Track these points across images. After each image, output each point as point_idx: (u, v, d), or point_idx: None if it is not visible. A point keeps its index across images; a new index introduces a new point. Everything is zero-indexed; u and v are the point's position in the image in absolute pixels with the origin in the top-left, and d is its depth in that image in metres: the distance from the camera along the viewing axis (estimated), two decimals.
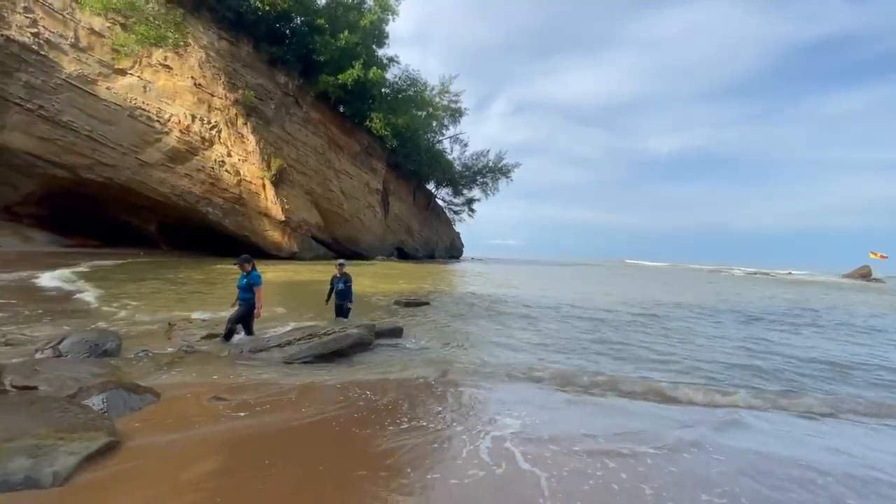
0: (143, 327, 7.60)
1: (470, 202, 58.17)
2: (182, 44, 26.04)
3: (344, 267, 8.64)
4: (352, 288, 8.65)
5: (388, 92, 37.52)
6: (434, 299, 13.18)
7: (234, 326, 6.73)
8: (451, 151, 53.63)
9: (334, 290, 8.50)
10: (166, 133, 27.33)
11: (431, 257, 52.00)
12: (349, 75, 30.18)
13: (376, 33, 33.89)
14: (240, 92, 27.52)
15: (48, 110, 25.70)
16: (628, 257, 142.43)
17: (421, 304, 11.78)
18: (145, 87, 26.84)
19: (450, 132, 50.99)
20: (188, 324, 7.91)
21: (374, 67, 31.75)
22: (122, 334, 6.46)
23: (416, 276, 22.84)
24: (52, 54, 25.41)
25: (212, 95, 27.38)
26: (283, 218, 29.18)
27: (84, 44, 25.85)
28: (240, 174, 28.51)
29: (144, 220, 31.77)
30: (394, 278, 20.63)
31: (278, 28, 30.78)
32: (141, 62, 26.53)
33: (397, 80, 39.03)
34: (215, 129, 27.78)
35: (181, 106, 27.16)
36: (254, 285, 6.67)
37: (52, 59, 25.43)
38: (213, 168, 28.22)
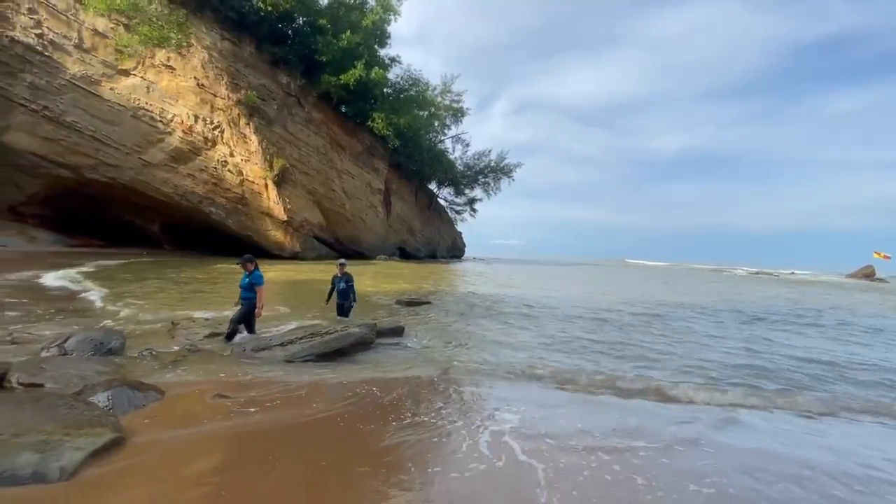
0: (147, 326, 7.68)
1: (472, 202, 58.23)
2: (185, 44, 26.15)
3: (345, 267, 8.70)
4: (354, 287, 8.71)
5: (389, 92, 37.58)
6: (435, 299, 13.22)
7: (237, 326, 6.79)
8: (452, 151, 53.69)
9: (335, 289, 8.57)
10: (169, 133, 27.46)
11: (433, 257, 52.05)
12: (351, 75, 30.26)
13: (378, 33, 33.96)
14: (242, 92, 27.61)
15: (52, 111, 25.86)
16: (629, 257, 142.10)
17: (422, 304, 11.83)
18: (148, 88, 26.97)
19: (452, 132, 51.05)
20: (191, 323, 7.98)
21: (375, 67, 31.81)
22: (126, 333, 6.53)
23: (417, 276, 22.90)
24: (56, 55, 25.57)
25: (214, 96, 27.50)
26: (285, 218, 29.28)
27: (88, 44, 26.00)
28: (242, 174, 28.62)
29: (148, 220, 31.92)
30: (395, 278, 20.68)
31: (281, 28, 30.87)
32: (144, 63, 26.66)
33: (399, 80, 39.12)
34: (218, 130, 27.90)
35: (184, 106, 27.28)
36: (255, 285, 6.73)
37: (56, 60, 25.59)
38: (215, 168, 28.34)
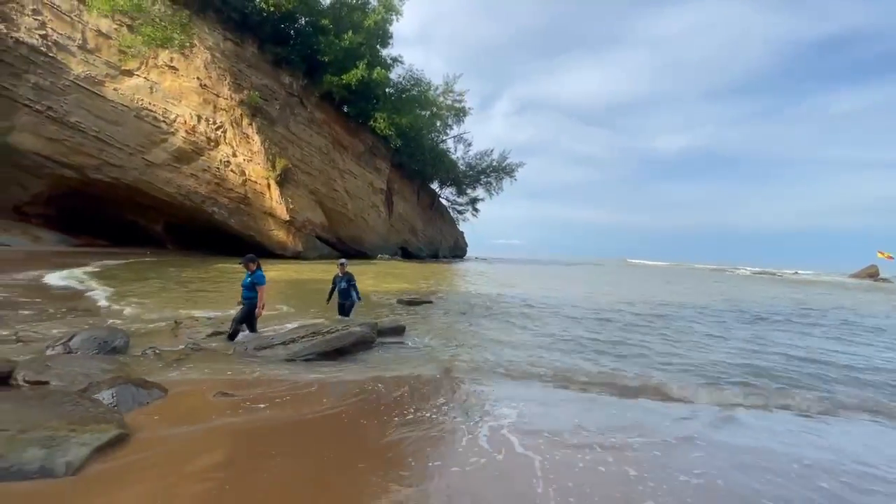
0: (151, 325, 7.75)
1: (474, 202, 58.34)
2: (188, 45, 26.28)
3: (346, 266, 8.76)
4: (356, 286, 8.76)
5: (392, 92, 37.67)
6: (436, 298, 13.27)
7: (239, 326, 6.84)
8: (454, 151, 53.84)
9: (336, 288, 8.62)
10: (172, 133, 27.59)
11: (435, 257, 52.12)
12: (353, 75, 30.34)
13: (380, 33, 34.02)
14: (245, 92, 27.73)
15: (56, 111, 26.02)
16: (631, 257, 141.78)
17: (423, 303, 11.88)
18: (151, 88, 27.11)
19: (454, 132, 51.18)
20: (194, 322, 8.05)
21: (377, 67, 31.88)
22: (130, 332, 6.59)
23: (418, 276, 22.95)
24: (60, 56, 25.73)
25: (217, 96, 27.61)
26: (287, 217, 29.38)
27: (91, 45, 26.15)
28: (245, 174, 28.73)
29: (151, 219, 32.09)
30: (396, 277, 20.74)
31: (283, 29, 30.98)
32: (147, 63, 26.80)
33: (401, 79, 39.24)
34: (220, 130, 28.01)
35: (187, 106, 27.41)
36: (257, 284, 6.78)
37: (60, 61, 25.75)
38: (218, 168, 28.46)
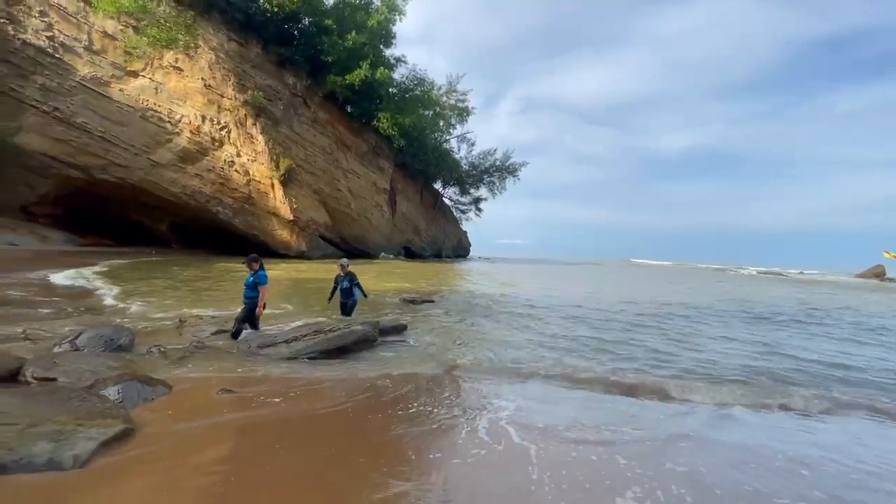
0: (156, 324, 7.85)
1: (477, 201, 58.38)
2: (192, 46, 26.47)
3: (347, 266, 8.83)
4: (360, 284, 8.85)
5: (395, 92, 37.76)
6: (438, 298, 13.33)
7: (242, 325, 6.92)
8: (458, 150, 53.90)
9: (338, 288, 8.71)
10: (177, 134, 27.80)
11: (438, 256, 52.20)
12: (356, 75, 30.44)
13: (383, 33, 34.11)
14: (249, 93, 27.89)
15: (63, 112, 26.28)
16: (634, 257, 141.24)
17: (425, 303, 11.95)
18: (157, 89, 27.32)
19: (457, 131, 51.25)
20: (198, 320, 8.14)
21: (381, 67, 31.97)
22: (135, 330, 6.69)
23: (420, 275, 23.03)
24: (67, 57, 25.97)
25: (221, 96, 27.79)
26: (291, 217, 29.53)
27: (97, 46, 26.38)
28: (249, 174, 28.90)
29: (156, 219, 32.33)
30: (398, 277, 20.83)
31: (287, 29, 31.11)
32: (152, 64, 27.01)
33: (404, 79, 39.31)
34: (225, 130, 28.20)
35: (191, 107, 27.60)
36: (259, 284, 6.86)
37: (67, 62, 25.99)
38: (222, 168, 28.65)
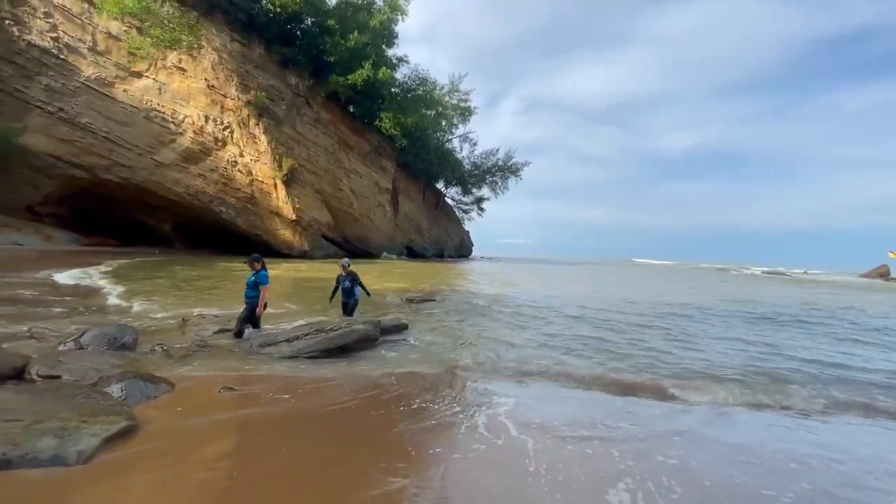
0: (159, 323, 7.92)
1: (479, 201, 58.50)
2: (196, 46, 26.62)
3: (349, 266, 8.87)
4: (362, 283, 8.92)
5: (397, 91, 37.85)
6: (439, 297, 13.37)
7: (244, 325, 6.97)
8: (460, 150, 54.01)
9: (340, 287, 8.76)
10: (180, 134, 27.95)
11: (441, 256, 52.26)
12: (359, 75, 30.53)
13: (386, 33, 34.20)
14: (252, 93, 28.02)
15: (67, 112, 26.48)
16: (636, 256, 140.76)
17: (425, 302, 11.99)
18: (160, 89, 27.48)
19: (459, 131, 51.33)
20: (201, 319, 8.21)
21: (383, 67, 32.07)
22: (139, 329, 6.75)
23: (422, 275, 23.07)
24: (71, 58, 26.16)
25: (224, 97, 27.92)
26: (294, 217, 29.64)
27: (101, 47, 26.56)
28: (252, 174, 29.03)
29: (160, 219, 32.52)
30: (400, 277, 20.88)
31: (289, 29, 31.25)
32: (156, 64, 27.18)
33: (407, 79, 39.44)
34: (228, 130, 28.33)
35: (195, 107, 27.75)
36: (260, 284, 6.90)
37: (71, 63, 26.19)
38: (225, 168, 28.79)
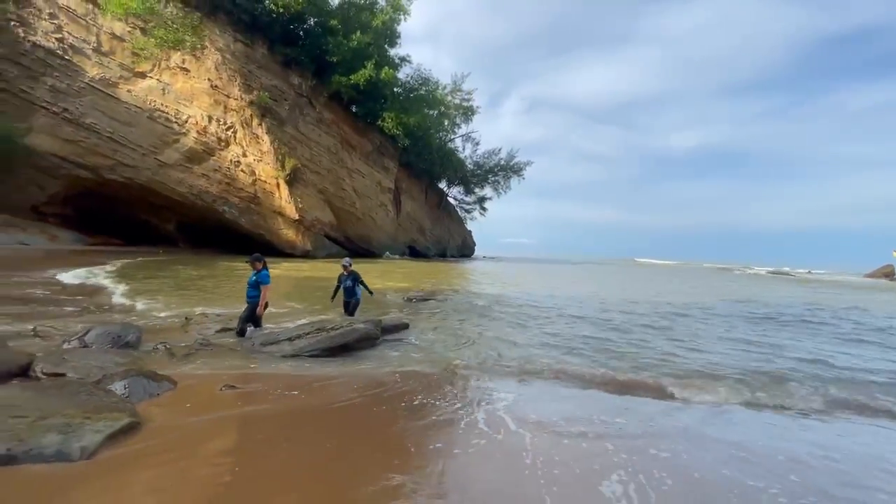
0: (162, 321, 7.99)
1: (481, 200, 58.51)
2: (199, 47, 26.74)
3: (350, 265, 8.93)
4: (364, 282, 8.99)
5: (400, 91, 37.91)
6: (440, 297, 13.41)
7: (245, 324, 7.02)
8: (462, 150, 54.06)
9: (342, 286, 8.82)
10: (184, 134, 28.09)
11: (443, 256, 52.29)
12: (361, 75, 30.59)
13: (388, 33, 34.27)
14: (255, 93, 28.12)
15: (72, 113, 26.64)
16: (639, 256, 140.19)
17: (426, 301, 12.03)
18: (164, 90, 27.62)
19: (462, 130, 51.36)
20: (204, 318, 8.27)
21: (385, 67, 32.12)
22: (142, 327, 6.82)
23: (424, 275, 23.11)
24: (76, 59, 26.32)
25: (227, 97, 28.03)
26: (296, 217, 29.74)
27: (106, 48, 26.72)
28: (255, 174, 29.14)
29: (164, 219, 32.70)
30: (402, 276, 20.93)
31: (292, 29, 31.33)
32: (160, 65, 27.32)
33: (409, 79, 39.50)
34: (231, 130, 28.45)
35: (198, 107, 27.88)
36: (261, 283, 6.95)
37: (76, 64, 26.35)
38: (228, 168, 28.91)
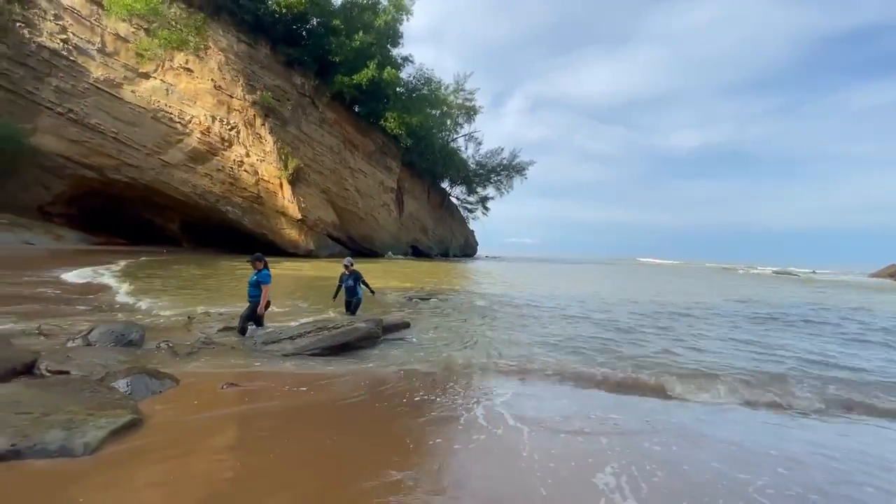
0: (165, 320, 8.06)
1: (484, 200, 58.50)
2: (202, 47, 26.87)
3: (352, 265, 8.97)
4: (366, 282, 9.05)
5: (402, 91, 37.97)
6: (441, 297, 13.45)
7: (246, 323, 7.07)
8: (465, 149, 54.08)
9: (343, 286, 8.87)
10: (187, 134, 28.24)
11: (445, 255, 52.33)
12: (364, 75, 30.67)
13: (391, 33, 34.34)
14: (258, 93, 28.24)
15: (77, 113, 26.84)
16: (644, 255, 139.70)
17: (428, 301, 12.07)
18: (168, 90, 27.77)
19: (464, 130, 51.39)
20: (206, 317, 8.33)
21: (388, 67, 32.19)
22: (145, 326, 6.89)
23: (426, 274, 23.16)
24: (81, 59, 26.51)
25: (231, 97, 28.16)
26: (299, 216, 29.84)
27: (110, 49, 26.89)
28: (258, 174, 29.26)
29: (168, 219, 32.89)
30: (404, 276, 20.98)
31: (295, 30, 31.44)
32: (163, 66, 27.48)
33: (412, 79, 39.57)
34: (234, 130, 28.58)
35: (202, 108, 28.02)
36: (262, 283, 7.00)
37: (81, 65, 26.53)
38: (232, 168, 29.04)
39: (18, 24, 25.62)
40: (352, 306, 8.89)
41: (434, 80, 40.95)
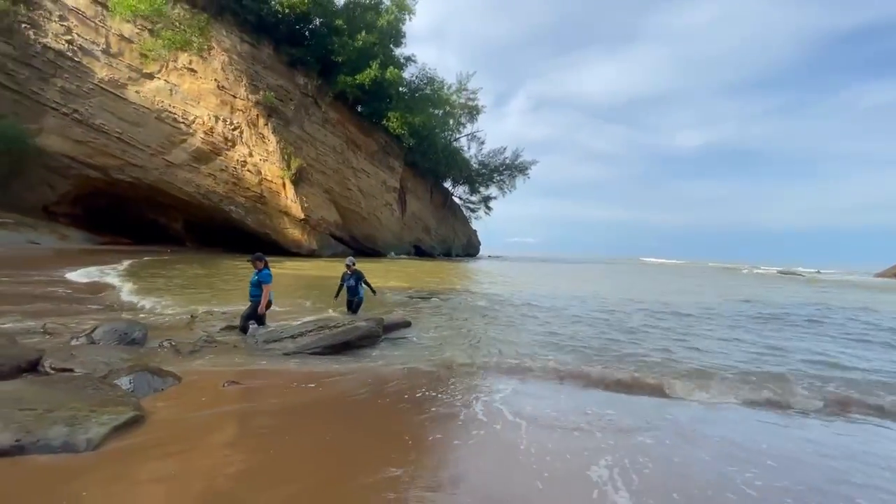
0: (168, 319, 8.12)
1: (486, 200, 58.52)
2: (206, 47, 27.00)
3: (354, 265, 9.01)
4: (368, 282, 9.09)
5: (405, 91, 38.01)
6: (443, 296, 13.48)
7: (248, 322, 7.12)
8: (468, 149, 54.09)
9: (345, 285, 8.91)
10: (191, 134, 28.37)
11: (448, 255, 52.35)
12: (366, 75, 30.73)
13: (393, 33, 34.39)
14: (261, 93, 28.35)
15: (82, 114, 27.01)
16: (647, 255, 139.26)
17: (428, 300, 12.10)
18: (171, 91, 27.91)
19: (467, 130, 51.41)
20: (209, 316, 8.39)
21: (391, 67, 32.24)
22: (148, 325, 6.95)
23: (427, 274, 23.19)
24: (85, 60, 26.67)
25: (234, 97, 28.28)
26: (302, 216, 29.94)
27: (114, 50, 27.05)
28: (261, 174, 29.38)
29: (171, 218, 33.07)
30: (405, 275, 21.01)
31: (298, 30, 31.53)
32: (167, 66, 27.61)
33: (414, 78, 39.61)
34: (237, 130, 28.70)
35: (205, 108, 28.15)
36: (262, 282, 7.04)
37: (85, 65, 26.70)
38: (235, 168, 29.17)
39: (24, 25, 25.81)
40: (353, 306, 8.93)
41: (437, 79, 41.04)
